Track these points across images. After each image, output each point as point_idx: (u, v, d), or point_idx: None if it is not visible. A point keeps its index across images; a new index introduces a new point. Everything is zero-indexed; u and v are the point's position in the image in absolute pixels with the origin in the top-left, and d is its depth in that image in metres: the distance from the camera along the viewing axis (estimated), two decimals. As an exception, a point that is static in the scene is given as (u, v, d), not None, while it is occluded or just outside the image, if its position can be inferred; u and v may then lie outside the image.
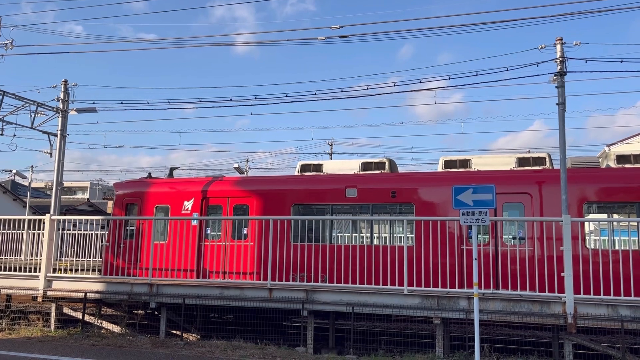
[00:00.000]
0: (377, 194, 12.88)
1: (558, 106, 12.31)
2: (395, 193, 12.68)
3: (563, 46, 12.43)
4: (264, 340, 10.27)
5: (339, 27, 13.77)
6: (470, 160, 13.44)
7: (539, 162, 12.88)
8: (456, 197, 8.44)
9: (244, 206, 14.06)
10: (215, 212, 14.31)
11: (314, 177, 14.21)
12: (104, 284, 11.75)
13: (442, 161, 13.66)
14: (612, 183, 11.75)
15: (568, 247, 8.89)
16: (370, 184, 13.09)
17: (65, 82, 19.32)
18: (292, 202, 13.45)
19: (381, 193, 12.83)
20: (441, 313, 9.42)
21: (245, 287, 10.81)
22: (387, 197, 12.75)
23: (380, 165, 14.08)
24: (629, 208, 11.55)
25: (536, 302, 9.00)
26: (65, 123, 19.40)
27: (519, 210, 11.91)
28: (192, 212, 14.20)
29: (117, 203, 15.36)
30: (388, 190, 12.78)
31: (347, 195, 12.99)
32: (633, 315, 8.50)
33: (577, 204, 11.59)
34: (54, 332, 11.55)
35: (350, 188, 12.98)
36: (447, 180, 12.64)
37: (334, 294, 10.15)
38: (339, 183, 13.31)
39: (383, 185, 13.00)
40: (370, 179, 13.38)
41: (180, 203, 14.46)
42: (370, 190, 12.96)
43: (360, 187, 13.01)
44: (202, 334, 11.55)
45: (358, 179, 13.37)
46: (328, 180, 13.81)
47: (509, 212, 12.00)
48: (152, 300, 11.19)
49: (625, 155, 12.42)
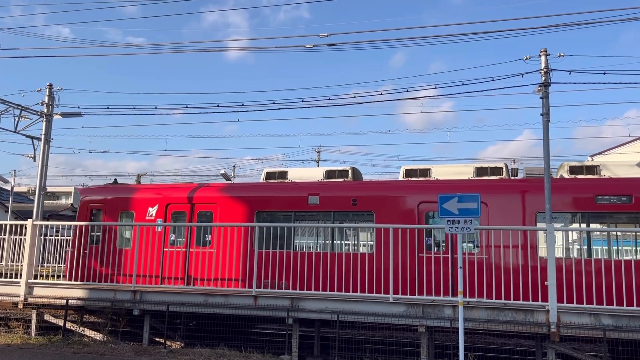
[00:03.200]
0: (338, 201, 13.06)
1: (542, 116, 12.46)
2: (356, 201, 12.86)
3: (547, 58, 12.60)
4: (249, 348, 10.21)
5: (327, 35, 13.82)
6: (430, 170, 13.68)
7: (496, 172, 13.15)
8: (442, 205, 8.49)
9: (207, 213, 14.09)
10: (179, 218, 14.33)
11: (278, 185, 14.31)
12: (87, 290, 11.60)
13: (403, 170, 13.91)
14: (563, 193, 12.04)
15: (552, 255, 8.98)
16: (332, 192, 13.29)
17: (50, 86, 19.12)
18: (256, 209, 13.57)
19: (342, 201, 13.01)
20: (426, 321, 9.44)
21: (230, 294, 10.74)
22: (348, 204, 12.92)
23: (344, 173, 14.31)
24: (579, 217, 11.92)
25: (520, 310, 9.06)
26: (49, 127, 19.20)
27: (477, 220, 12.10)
28: (156, 218, 14.22)
29: (81, 209, 15.28)
30: (349, 198, 12.95)
31: (309, 202, 13.15)
32: (615, 324, 8.59)
33: (531, 213, 11.89)
34: (34, 339, 11.37)
35: (313, 196, 13.16)
36: (406, 188, 13.05)
37: (319, 301, 10.12)
38: (302, 191, 13.46)
39: (344, 193, 13.19)
40: (333, 186, 13.57)
41: (144, 209, 14.46)
42: (332, 198, 13.14)
43: (322, 195, 13.18)
44: (186, 342, 11.44)
45: (321, 187, 13.55)
46: (291, 187, 13.92)
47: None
48: (136, 307, 11.06)
49: (578, 166, 12.79)
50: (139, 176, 17.41)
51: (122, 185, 16.18)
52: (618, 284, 8.74)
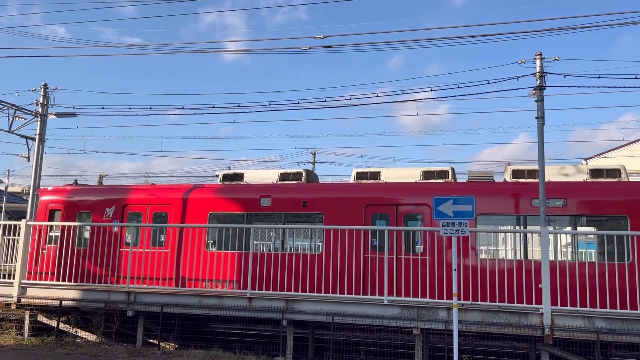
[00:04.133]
0: (289, 203, 13.28)
1: (537, 120, 12.52)
2: (306, 203, 13.10)
3: (542, 61, 12.66)
4: (243, 350, 10.19)
5: (323, 37, 13.83)
6: (380, 173, 13.95)
7: (443, 175, 13.41)
8: (437, 207, 8.51)
9: (162, 213, 14.29)
10: (135, 219, 14.47)
11: (231, 187, 14.48)
12: (80, 291, 11.55)
13: (354, 173, 14.18)
14: (502, 196, 12.33)
15: (546, 258, 9.01)
16: (283, 194, 13.51)
17: (44, 86, 19.06)
18: (209, 210, 13.75)
19: (293, 202, 13.25)
20: (420, 324, 9.45)
21: (224, 295, 10.71)
22: (298, 206, 13.16)
23: (298, 175, 14.53)
24: (518, 220, 12.17)
25: (514, 313, 9.08)
26: (44, 127, 19.13)
27: (420, 221, 12.44)
28: (112, 219, 14.34)
29: (40, 209, 15.42)
30: (299, 200, 13.19)
31: (261, 204, 13.39)
32: (609, 327, 8.63)
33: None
34: (27, 340, 11.31)
35: (265, 197, 13.38)
36: (354, 190, 13.28)
37: (314, 303, 10.12)
38: (254, 193, 13.67)
39: (295, 195, 13.41)
40: (284, 189, 13.80)
41: (102, 210, 14.59)
42: (283, 199, 13.37)
43: (274, 197, 13.40)
44: (180, 343, 11.41)
45: (273, 189, 13.78)
46: (244, 189, 14.11)
47: (409, 222, 12.53)
48: (130, 309, 11.01)
49: (520, 170, 13.08)
50: (101, 177, 17.61)
51: (82, 187, 16.33)
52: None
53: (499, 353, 11.37)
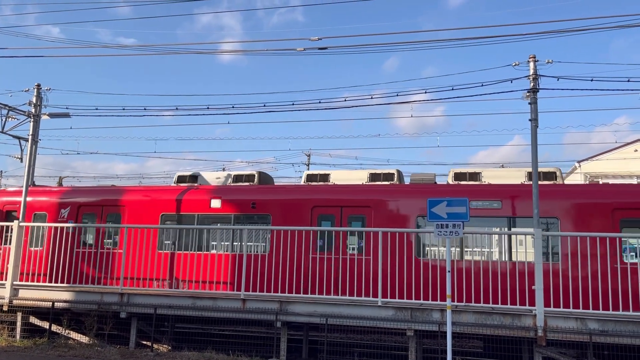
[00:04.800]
0: (239, 204, 13.52)
1: (531, 122, 12.54)
2: (255, 204, 13.34)
3: (536, 64, 12.69)
4: (236, 352, 10.16)
5: (318, 38, 13.81)
6: (329, 175, 14.22)
7: (389, 177, 13.73)
8: (430, 209, 8.53)
9: (116, 215, 14.48)
10: (90, 220, 14.59)
11: (182, 189, 14.63)
12: (73, 292, 11.49)
13: (305, 175, 14.50)
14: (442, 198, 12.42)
15: (539, 260, 9.05)
16: (233, 196, 13.74)
17: (38, 86, 18.95)
18: (161, 211, 13.96)
19: (242, 204, 13.49)
20: (414, 325, 9.46)
21: (218, 297, 10.69)
22: (247, 207, 13.40)
23: (250, 177, 14.76)
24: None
25: (507, 314, 9.11)
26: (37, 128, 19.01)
27: (362, 222, 12.67)
28: (67, 220, 14.45)
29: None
30: (249, 202, 13.42)
31: (211, 205, 13.59)
32: (601, 329, 8.67)
33: (412, 216, 12.36)
34: (19, 342, 11.24)
35: (215, 199, 13.60)
36: (301, 192, 13.57)
37: (308, 305, 10.11)
38: (205, 194, 13.91)
39: (245, 197, 13.65)
40: (234, 190, 14.00)
41: (57, 211, 14.76)
42: (233, 201, 13.61)
43: (224, 198, 13.64)
44: (174, 345, 11.36)
45: (223, 191, 14.00)
46: (195, 191, 14.26)
47: (352, 224, 12.75)
48: (123, 310, 10.97)
49: (462, 173, 13.38)
50: (61, 179, 17.75)
51: (38, 188, 16.39)
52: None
53: (493, 355, 11.39)
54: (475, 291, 9.70)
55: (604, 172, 31.04)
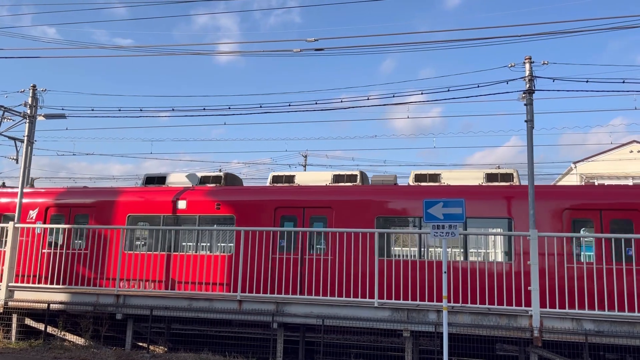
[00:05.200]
0: (204, 206, 13.70)
1: (526, 123, 12.57)
2: (220, 205, 13.55)
3: (532, 65, 12.72)
4: (233, 353, 10.15)
5: (314, 39, 13.80)
6: (294, 176, 14.49)
7: (352, 178, 13.95)
8: (427, 210, 8.52)
9: (84, 216, 14.62)
10: (58, 221, 14.63)
11: (150, 190, 14.80)
12: (69, 294, 11.46)
13: (271, 177, 14.73)
14: (400, 199, 12.91)
15: (535, 261, 9.06)
16: (198, 197, 13.91)
17: (33, 87, 18.89)
18: (128, 212, 14.13)
19: (207, 205, 13.66)
20: (411, 326, 9.47)
21: (214, 298, 10.68)
22: (212, 209, 13.58)
23: (217, 179, 14.87)
24: (411, 222, 12.70)
25: (504, 315, 9.13)
26: (32, 129, 18.93)
27: (323, 223, 12.92)
28: (36, 221, 14.59)
29: None
30: (213, 203, 13.63)
31: (177, 207, 13.82)
32: (597, 329, 8.69)
33: (371, 217, 12.54)
34: (14, 343, 11.19)
35: (181, 200, 13.82)
36: (264, 193, 13.87)
37: (305, 306, 10.11)
38: (171, 196, 14.09)
39: (209, 198, 13.80)
40: (200, 192, 14.14)
41: (25, 212, 14.80)
42: (198, 202, 13.78)
43: (189, 200, 13.84)
44: (170, 346, 11.34)
45: (188, 192, 14.13)
46: (162, 192, 14.43)
47: (315, 224, 12.97)
48: (119, 312, 10.95)
49: (422, 174, 13.61)
50: (32, 180, 17.93)
51: (7, 189, 16.47)
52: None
53: (489, 355, 11.41)
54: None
55: (599, 173, 31.17)
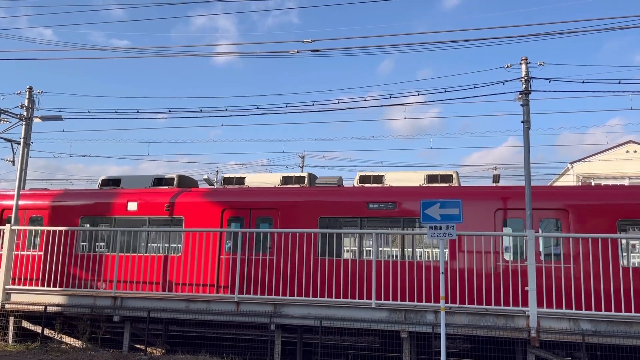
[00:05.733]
0: (154, 207, 14.04)
1: (523, 124, 12.62)
2: (169, 207, 13.88)
3: (528, 66, 12.77)
4: (230, 355, 10.13)
5: (311, 41, 13.81)
6: (245, 178, 14.84)
7: (300, 180, 14.35)
8: (424, 211, 8.54)
9: (38, 217, 14.91)
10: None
11: (104, 192, 15.02)
12: (66, 296, 11.43)
13: (222, 179, 15.10)
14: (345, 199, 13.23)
15: (532, 261, 9.07)
16: (149, 199, 14.25)
17: (30, 89, 18.86)
18: (81, 214, 14.44)
19: (157, 207, 14.01)
20: (408, 327, 9.47)
21: (212, 300, 10.66)
22: (162, 210, 13.92)
23: (170, 181, 15.14)
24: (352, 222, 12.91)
25: (501, 315, 9.13)
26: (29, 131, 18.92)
27: (269, 224, 13.27)
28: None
29: None
30: (163, 205, 13.95)
31: (128, 208, 14.12)
32: (594, 329, 8.71)
33: (314, 218, 12.88)
34: (11, 346, 11.15)
35: (132, 202, 14.18)
36: (213, 195, 14.17)
37: (302, 307, 10.10)
38: (122, 198, 14.42)
39: (159, 200, 14.13)
40: (150, 194, 14.48)
41: None
42: (148, 204, 14.13)
43: (140, 202, 14.19)
44: (167, 348, 11.32)
45: (140, 194, 14.48)
46: (114, 194, 14.71)
47: (261, 225, 13.36)
48: (116, 314, 10.92)
49: (367, 176, 13.97)
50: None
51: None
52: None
53: (486, 356, 11.42)
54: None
55: (596, 173, 31.25)
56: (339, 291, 10.11)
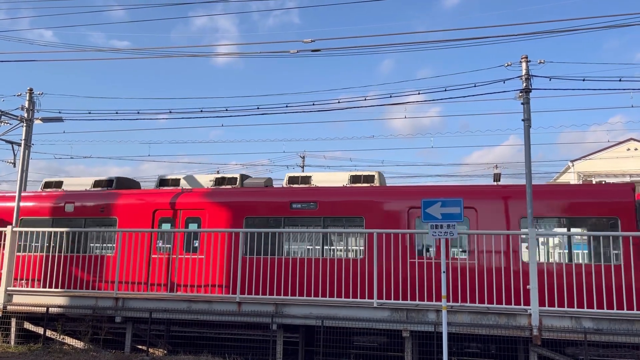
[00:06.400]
0: (89, 209, 14.50)
1: (523, 122, 12.59)
2: (104, 209, 14.39)
3: (528, 64, 12.74)
4: (233, 355, 10.14)
5: (311, 40, 13.80)
6: (179, 180, 15.09)
7: (232, 181, 14.71)
8: (425, 210, 8.54)
9: None
10: None
11: (45, 194, 15.40)
12: (67, 297, 11.44)
13: (158, 180, 15.42)
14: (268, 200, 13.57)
15: (534, 260, 9.08)
16: (84, 201, 14.65)
17: (30, 91, 18.85)
18: (22, 215, 14.72)
19: (93, 208, 14.50)
20: (410, 326, 9.47)
21: (213, 300, 10.68)
22: (97, 212, 14.43)
23: (109, 182, 15.57)
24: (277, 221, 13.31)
25: (503, 314, 9.14)
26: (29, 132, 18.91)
27: (198, 224, 13.74)
28: None
29: None
30: (98, 207, 14.47)
31: (65, 210, 14.57)
32: (596, 327, 8.71)
33: (241, 218, 13.31)
34: (13, 347, 11.17)
35: (69, 204, 14.53)
36: (145, 197, 14.52)
37: (304, 307, 10.11)
38: (60, 200, 14.83)
39: (95, 202, 14.60)
40: (86, 196, 14.89)
41: None
42: (84, 206, 14.57)
43: (77, 204, 14.59)
44: (169, 349, 11.32)
45: (77, 196, 14.86)
46: (54, 196, 15.12)
47: (190, 225, 13.76)
48: (118, 315, 10.93)
49: (295, 176, 14.49)
50: None
51: None
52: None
53: (488, 354, 11.42)
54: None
55: (597, 171, 31.22)
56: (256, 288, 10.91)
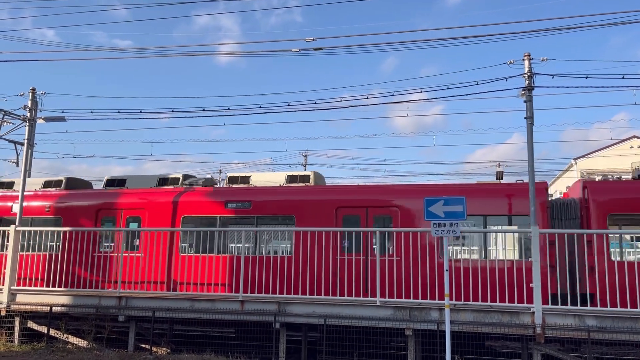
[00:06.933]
0: (36, 209, 15.01)
1: (526, 120, 12.56)
2: (49, 208, 14.92)
3: (531, 62, 12.71)
4: (236, 354, 10.15)
5: (313, 39, 13.78)
6: (125, 180, 15.62)
7: (174, 181, 15.12)
8: (427, 208, 8.52)
9: None
10: None
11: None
12: (71, 296, 11.46)
13: (105, 180, 15.91)
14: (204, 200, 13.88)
15: (536, 258, 9.06)
16: (32, 201, 15.13)
17: (33, 90, 18.88)
18: None
19: (39, 208, 15.04)
20: (413, 324, 9.47)
21: (216, 299, 10.69)
22: (43, 211, 14.95)
23: (58, 183, 16.04)
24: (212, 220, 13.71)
25: (506, 312, 9.13)
26: (32, 132, 18.93)
27: (138, 223, 14.25)
28: None
29: None
30: (44, 206, 15.02)
31: (13, 210, 15.00)
32: (599, 325, 8.69)
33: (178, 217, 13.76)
34: (17, 347, 11.20)
35: (16, 204, 14.60)
36: (89, 197, 15.04)
37: (307, 305, 10.12)
38: (7, 200, 15.41)
39: (41, 202, 15.14)
40: (33, 196, 15.34)
41: None
42: (33, 205, 15.05)
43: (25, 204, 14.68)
44: (173, 347, 11.34)
45: (28, 196, 15.02)
46: (4, 197, 15.65)
47: (131, 224, 14.27)
48: (121, 314, 10.96)
49: (235, 176, 14.98)
50: None
51: None
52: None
53: (492, 353, 11.41)
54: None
55: (599, 169, 31.14)
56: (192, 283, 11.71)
